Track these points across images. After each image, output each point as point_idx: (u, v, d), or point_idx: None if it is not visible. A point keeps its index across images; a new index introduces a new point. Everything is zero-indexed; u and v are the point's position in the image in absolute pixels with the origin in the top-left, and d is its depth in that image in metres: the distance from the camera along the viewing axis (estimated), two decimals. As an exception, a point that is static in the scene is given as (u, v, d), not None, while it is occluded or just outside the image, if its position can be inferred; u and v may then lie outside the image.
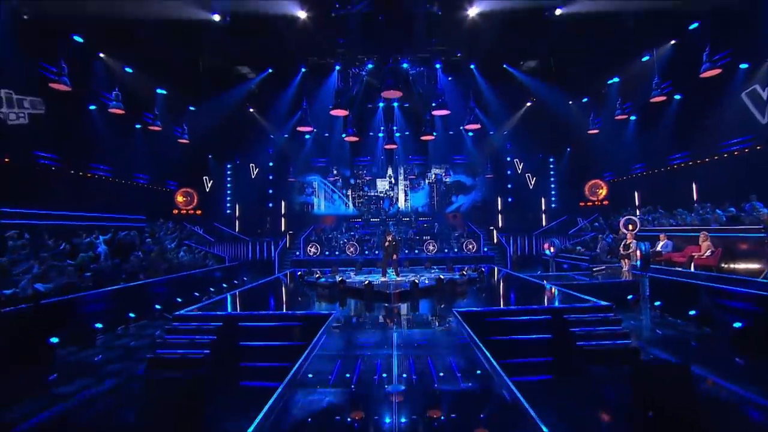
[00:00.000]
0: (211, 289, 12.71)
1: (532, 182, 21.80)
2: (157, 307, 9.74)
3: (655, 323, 8.12)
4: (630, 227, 12.10)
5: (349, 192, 22.91)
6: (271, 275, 15.58)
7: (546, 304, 7.78)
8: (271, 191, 21.95)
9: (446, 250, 18.17)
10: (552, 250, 13.36)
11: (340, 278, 10.37)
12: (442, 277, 10.19)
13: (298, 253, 18.44)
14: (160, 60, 15.09)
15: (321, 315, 7.49)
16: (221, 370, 6.59)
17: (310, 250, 18.22)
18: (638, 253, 8.91)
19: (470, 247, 18.13)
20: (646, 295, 8.86)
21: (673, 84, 14.13)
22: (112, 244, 11.49)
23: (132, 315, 8.88)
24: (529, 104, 18.71)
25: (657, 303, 8.71)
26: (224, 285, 13.70)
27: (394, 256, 11.60)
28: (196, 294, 11.73)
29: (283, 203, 21.84)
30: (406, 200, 22.88)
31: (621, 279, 10.50)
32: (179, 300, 10.54)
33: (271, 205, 21.89)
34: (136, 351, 7.30)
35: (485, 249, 18.31)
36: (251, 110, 19.09)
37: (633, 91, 15.20)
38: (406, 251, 18.00)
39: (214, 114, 17.76)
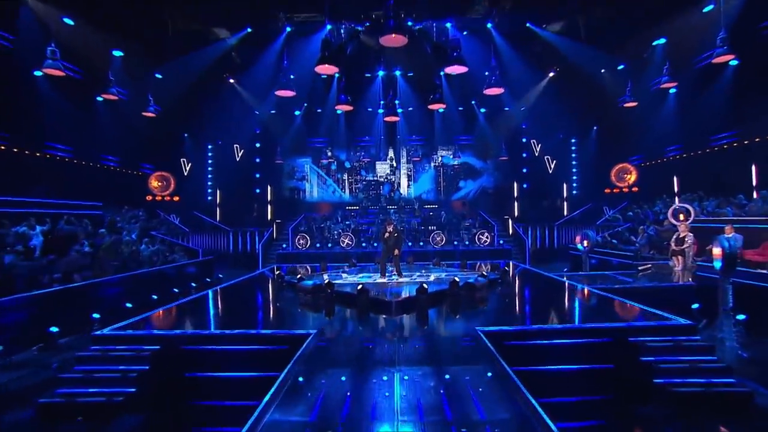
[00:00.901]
0: (176, 290, 10.81)
1: (552, 166, 19.83)
2: (96, 316, 7.84)
3: (745, 347, 6.19)
4: (681, 217, 10.16)
5: (345, 176, 21.35)
6: (253, 270, 14.16)
7: (601, 321, 5.87)
8: (258, 175, 20.22)
9: (456, 243, 16.45)
10: (586, 244, 11.41)
11: (327, 280, 8.44)
12: (457, 279, 8.26)
13: (285, 245, 16.67)
14: (113, 14, 12.95)
15: (297, 335, 5.59)
16: (158, 416, 4.75)
17: (298, 242, 16.39)
18: (719, 250, 6.95)
19: (483, 239, 16.24)
20: (728, 306, 6.94)
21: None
22: (50, 235, 9.56)
23: (56, 329, 6.97)
24: (552, 74, 16.55)
25: (740, 317, 6.78)
26: (193, 284, 11.81)
27: (396, 252, 9.73)
28: (155, 297, 9.84)
29: (269, 188, 19.88)
30: (408, 185, 21.42)
31: (675, 282, 8.63)
32: (129, 306, 8.70)
33: (258, 191, 20.22)
34: (31, 391, 5.40)
35: (500, 241, 16.54)
36: (231, 81, 16.96)
37: (680, 56, 13.06)
38: (410, 243, 16.30)
39: (184, 81, 15.66)
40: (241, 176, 19.53)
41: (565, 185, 19.78)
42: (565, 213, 19.01)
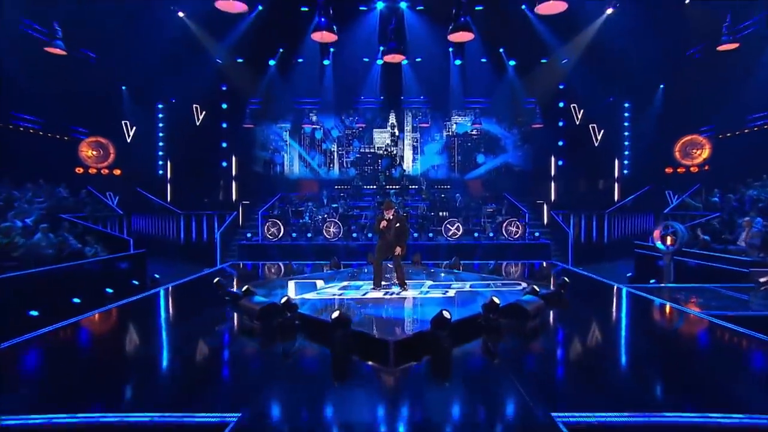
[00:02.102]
0: (76, 300, 8.11)
1: (599, 137, 17.10)
2: None
3: None
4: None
5: (334, 147, 19.12)
6: (210, 266, 12.30)
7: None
8: (225, 144, 17.75)
9: (477, 235, 14.04)
10: (670, 242, 8.70)
11: (286, 298, 5.75)
12: (495, 300, 5.56)
13: (251, 234, 14.18)
14: None
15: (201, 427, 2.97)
16: None
17: (269, 231, 13.87)
18: None
19: (513, 230, 13.67)
20: None
21: None
22: None
23: None
24: (609, 11, 13.63)
25: None
26: (109, 290, 9.12)
27: (398, 250, 7.30)
28: (34, 313, 7.16)
29: (233, 160, 17.25)
30: (414, 160, 19.16)
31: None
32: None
33: (225, 164, 17.78)
34: None
35: (536, 233, 14.07)
36: (180, 14, 14.05)
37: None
38: (415, 235, 13.93)
39: (119, 16, 12.85)
40: (201, 145, 17.02)
41: (617, 162, 17.21)
42: (616, 198, 16.62)
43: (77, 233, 10.49)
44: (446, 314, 5.07)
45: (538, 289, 6.53)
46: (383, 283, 7.76)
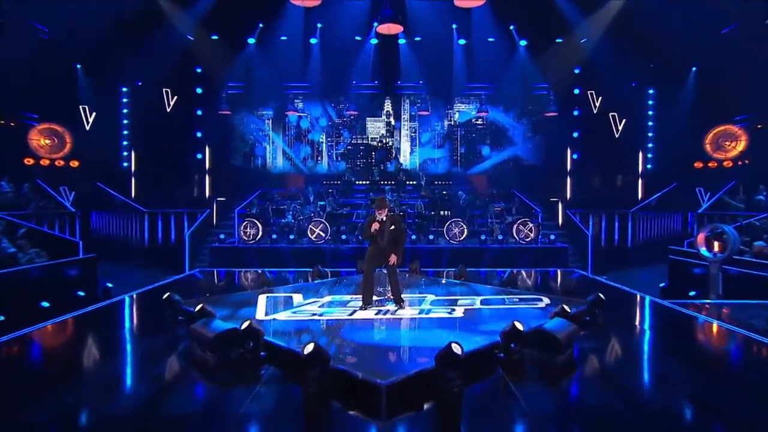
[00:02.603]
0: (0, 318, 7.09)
1: (620, 127, 16.30)
2: None
3: None
4: None
5: (322, 137, 18.48)
6: (176, 273, 11.62)
7: None
8: (200, 134, 16.86)
9: (483, 237, 13.25)
10: (718, 248, 7.77)
11: (249, 323, 4.78)
12: (518, 325, 4.61)
13: (224, 236, 13.29)
14: None
15: None
16: None
17: (245, 232, 12.92)
18: None
19: (525, 231, 12.93)
20: None
21: None
22: None
23: None
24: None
25: None
26: (45, 304, 8.09)
27: (392, 258, 6.44)
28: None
29: (207, 151, 16.41)
30: (412, 152, 18.63)
31: None
32: None
33: (200, 156, 16.87)
34: None
35: (551, 236, 13.23)
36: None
37: None
38: (413, 237, 13.08)
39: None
40: (172, 134, 16.03)
41: (640, 155, 16.40)
42: (640, 196, 15.87)
43: (16, 235, 9.43)
44: (456, 349, 4.08)
45: (568, 309, 5.55)
46: (375, 298, 6.84)
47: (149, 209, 13.92)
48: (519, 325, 4.82)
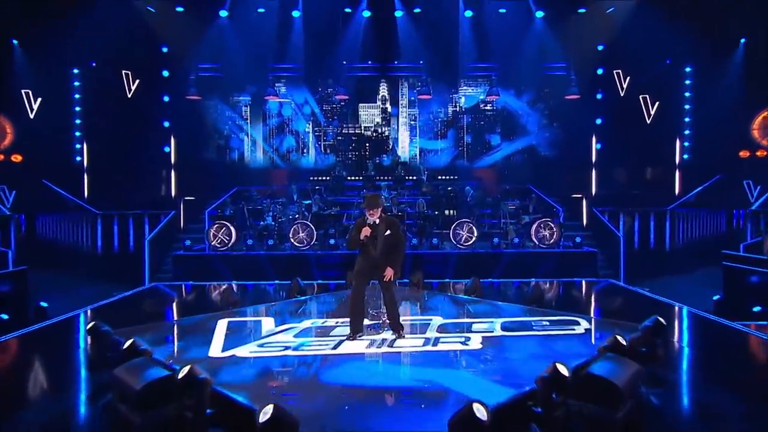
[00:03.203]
0: None
1: (652, 112, 15.69)
2: None
3: None
4: None
5: (309, 127, 17.92)
6: (135, 286, 10.94)
7: None
8: (167, 124, 16.10)
9: (496, 241, 12.50)
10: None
11: (189, 368, 3.74)
12: (561, 369, 3.63)
13: (191, 242, 12.67)
14: None
15: None
16: None
17: (215, 237, 12.27)
18: None
19: (544, 233, 12.31)
20: None
21: None
22: None
23: None
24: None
25: None
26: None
27: (388, 272, 5.60)
28: None
29: (172, 143, 15.64)
30: (411, 143, 18.20)
31: None
32: None
33: (167, 149, 16.12)
34: None
35: (576, 239, 12.50)
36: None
37: None
38: (414, 242, 12.31)
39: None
40: (134, 124, 15.15)
41: (677, 143, 15.61)
42: (677, 191, 15.08)
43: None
44: (479, 412, 3.06)
45: (623, 341, 4.53)
46: (366, 322, 5.88)
47: (103, 211, 13.16)
48: (563, 369, 3.81)
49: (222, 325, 6.03)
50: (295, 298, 8.00)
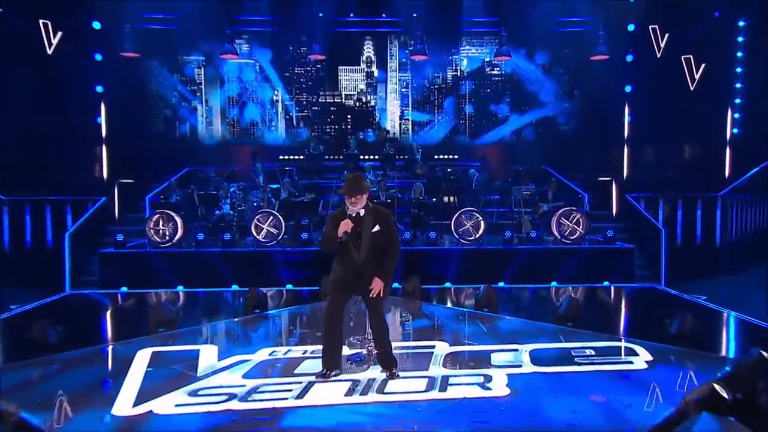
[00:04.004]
0: None
1: (696, 76, 15.19)
2: None
3: None
4: None
5: (277, 95, 17.61)
6: (52, 292, 10.47)
7: None
8: (101, 89, 15.29)
9: (508, 235, 11.96)
10: None
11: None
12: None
13: (124, 237, 11.84)
14: None
15: None
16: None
17: (157, 231, 11.55)
18: None
19: (568, 225, 11.70)
20: None
21: None
22: None
23: None
24: None
25: None
26: None
27: (375, 285, 4.78)
28: None
29: (104, 112, 14.95)
30: (403, 115, 18.25)
31: None
32: None
33: (99, 119, 15.28)
34: None
35: (609, 232, 11.99)
36: None
37: None
38: (407, 235, 11.73)
39: None
40: (56, 89, 14.41)
41: (728, 114, 15.20)
42: (727, 172, 14.69)
43: None
44: None
45: (724, 393, 3.54)
46: (347, 351, 4.98)
47: (12, 197, 12.49)
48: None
49: (141, 360, 4.99)
50: (253, 314, 7.01)
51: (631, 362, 5.09)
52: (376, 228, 4.71)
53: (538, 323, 6.89)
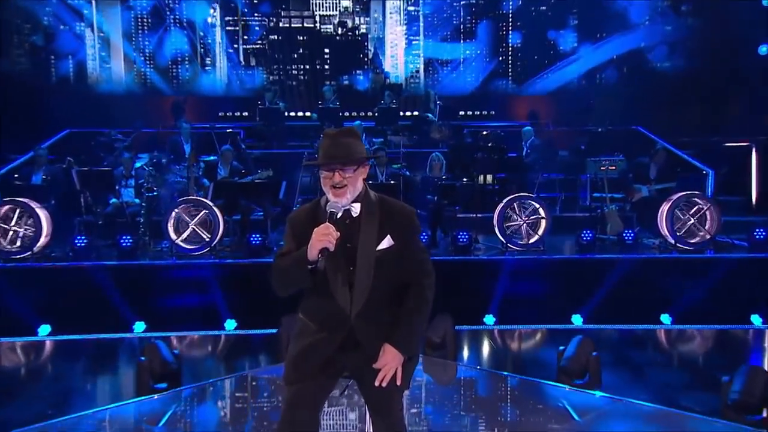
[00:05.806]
0: None
1: None
2: None
3: None
4: None
5: (215, 16, 18.83)
6: None
7: None
8: None
9: (588, 235, 11.62)
10: None
11: None
12: None
13: None
14: None
15: None
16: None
17: (5, 232, 11.15)
18: None
19: (690, 222, 11.14)
20: None
21: None
22: None
23: None
24: None
25: None
26: None
27: (386, 365, 3.42)
28: None
29: None
30: (409, 48, 19.33)
31: None
32: None
33: None
34: None
35: (759, 233, 11.57)
36: None
37: None
38: (425, 235, 11.07)
39: None
40: None
41: None
42: None
43: None
44: None
45: None
46: None
47: None
48: None
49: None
50: (149, 396, 5.74)
51: None
52: (386, 242, 3.49)
53: (673, 410, 5.68)
